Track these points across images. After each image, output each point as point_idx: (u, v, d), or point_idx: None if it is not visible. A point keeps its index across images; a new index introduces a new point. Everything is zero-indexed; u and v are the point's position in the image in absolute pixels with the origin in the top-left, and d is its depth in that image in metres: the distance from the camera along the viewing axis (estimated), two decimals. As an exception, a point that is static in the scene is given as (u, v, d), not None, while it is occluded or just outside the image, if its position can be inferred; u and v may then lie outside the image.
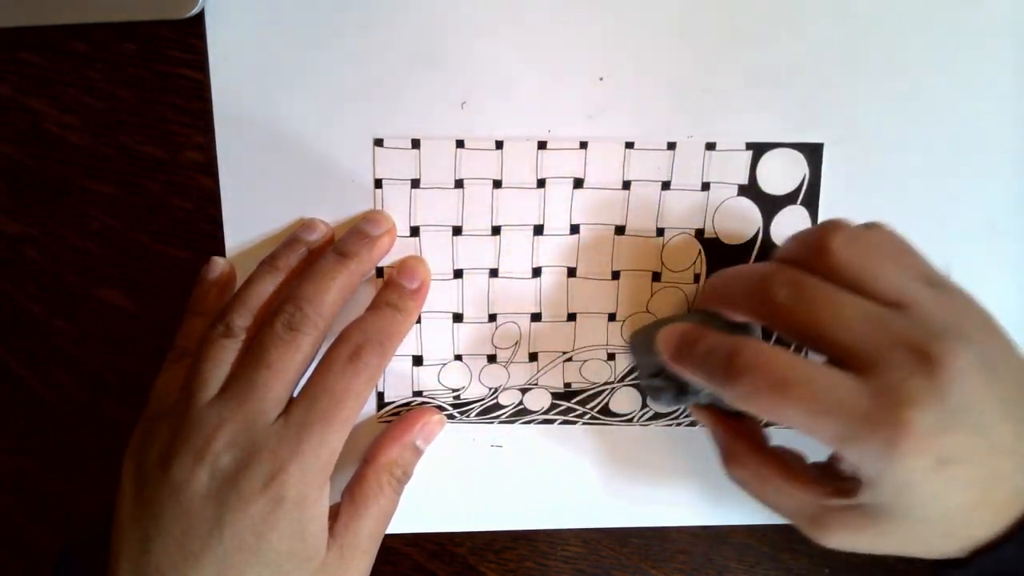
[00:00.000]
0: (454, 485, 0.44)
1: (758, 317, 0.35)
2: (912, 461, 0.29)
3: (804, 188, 0.41)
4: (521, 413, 0.43)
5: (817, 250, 0.33)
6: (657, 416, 0.43)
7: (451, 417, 0.43)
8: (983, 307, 0.33)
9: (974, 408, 0.30)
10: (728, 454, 0.38)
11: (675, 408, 0.43)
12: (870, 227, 0.34)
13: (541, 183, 0.41)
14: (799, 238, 0.35)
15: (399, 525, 0.40)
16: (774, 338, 0.40)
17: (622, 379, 0.43)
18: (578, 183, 0.41)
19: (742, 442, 0.37)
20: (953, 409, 0.29)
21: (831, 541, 0.34)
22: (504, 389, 0.43)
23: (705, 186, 0.41)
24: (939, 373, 0.29)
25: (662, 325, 0.38)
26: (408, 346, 0.42)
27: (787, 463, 0.36)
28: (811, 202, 0.41)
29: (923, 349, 0.30)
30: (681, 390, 0.39)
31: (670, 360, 0.36)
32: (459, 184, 0.41)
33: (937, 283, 0.33)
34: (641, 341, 0.41)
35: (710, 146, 0.41)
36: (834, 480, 0.33)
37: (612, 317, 0.42)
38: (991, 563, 0.32)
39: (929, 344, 0.30)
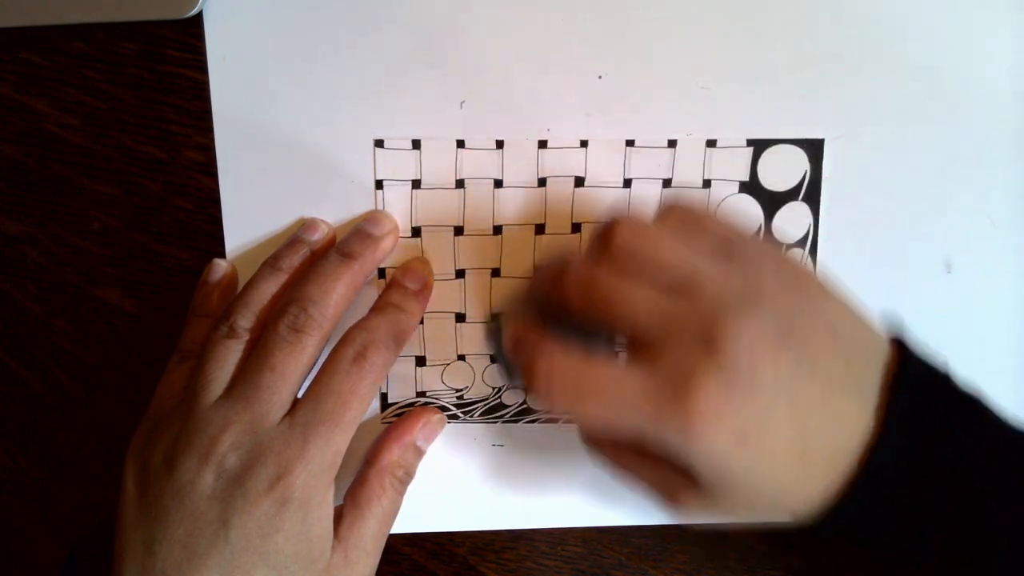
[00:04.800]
0: (455, 485, 0.44)
1: (562, 307, 0.34)
2: (710, 442, 0.29)
3: (805, 184, 0.41)
4: (524, 412, 0.43)
5: (603, 247, 0.33)
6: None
7: (455, 417, 0.43)
8: (794, 267, 0.33)
9: (765, 376, 0.29)
10: (587, 435, 0.38)
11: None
12: (662, 211, 0.35)
13: (542, 182, 0.41)
14: (591, 235, 0.35)
15: (399, 525, 0.40)
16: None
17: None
18: (579, 182, 0.41)
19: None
20: (741, 383, 0.29)
21: (687, 513, 0.34)
22: (507, 388, 0.43)
23: (706, 183, 0.41)
24: (719, 350, 0.29)
25: (510, 312, 0.38)
26: (411, 346, 0.42)
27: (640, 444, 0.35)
28: (812, 198, 0.41)
29: (704, 328, 0.30)
30: None
31: (509, 357, 0.36)
32: (460, 184, 0.41)
33: (730, 254, 0.32)
34: (494, 330, 0.40)
35: (711, 143, 0.41)
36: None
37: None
38: (832, 524, 0.32)
39: (709, 322, 0.30)
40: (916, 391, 0.31)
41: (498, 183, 0.41)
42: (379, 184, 0.41)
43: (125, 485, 0.36)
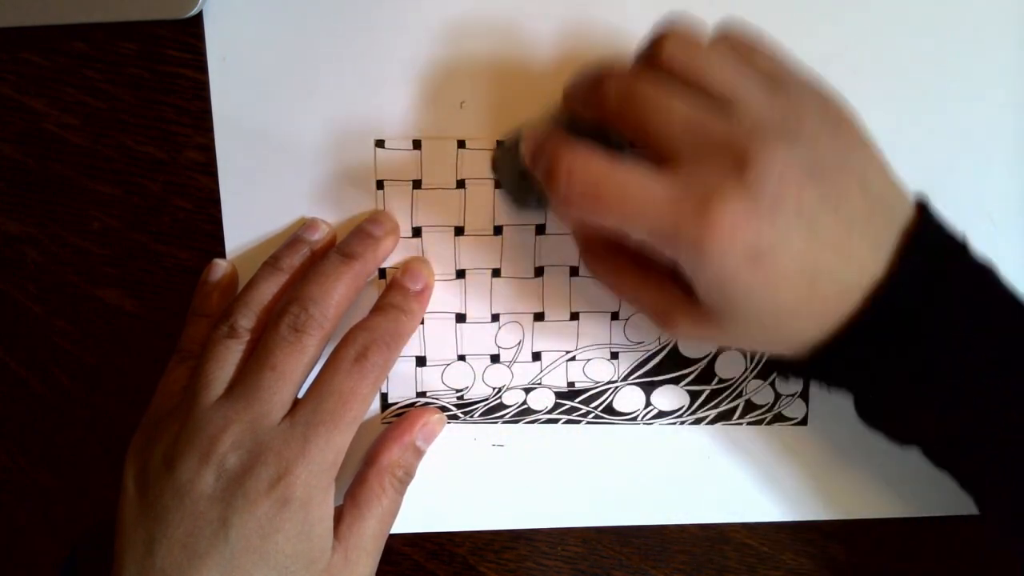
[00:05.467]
0: (455, 485, 0.44)
1: (594, 114, 0.34)
2: (722, 254, 0.29)
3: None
4: (525, 413, 0.43)
5: (649, 57, 0.33)
6: (660, 415, 0.43)
7: (455, 418, 0.43)
8: (838, 111, 0.33)
9: (788, 204, 0.29)
10: (587, 248, 0.38)
11: (542, 209, 0.42)
12: (717, 33, 0.34)
13: (500, 144, 0.41)
14: (642, 42, 0.34)
15: (399, 525, 0.40)
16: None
17: (626, 378, 0.43)
18: (580, 183, 0.41)
19: (602, 237, 0.37)
20: (764, 205, 0.29)
21: (680, 334, 0.35)
22: (508, 389, 0.43)
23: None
24: (749, 169, 0.29)
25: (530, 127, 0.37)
26: (411, 347, 0.42)
27: (642, 259, 0.35)
28: (813, 201, 0.41)
29: (739, 148, 0.30)
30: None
31: (528, 164, 0.35)
32: (460, 184, 0.41)
33: (784, 82, 0.32)
34: (509, 144, 0.40)
35: (712, 145, 0.41)
36: (680, 277, 0.33)
37: (615, 316, 0.42)
38: (825, 361, 0.32)
39: (745, 143, 0.30)
40: (930, 250, 0.31)
41: (499, 184, 0.41)
42: (380, 184, 0.41)
43: (125, 485, 0.36)
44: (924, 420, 0.33)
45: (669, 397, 0.43)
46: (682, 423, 0.43)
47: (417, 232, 0.41)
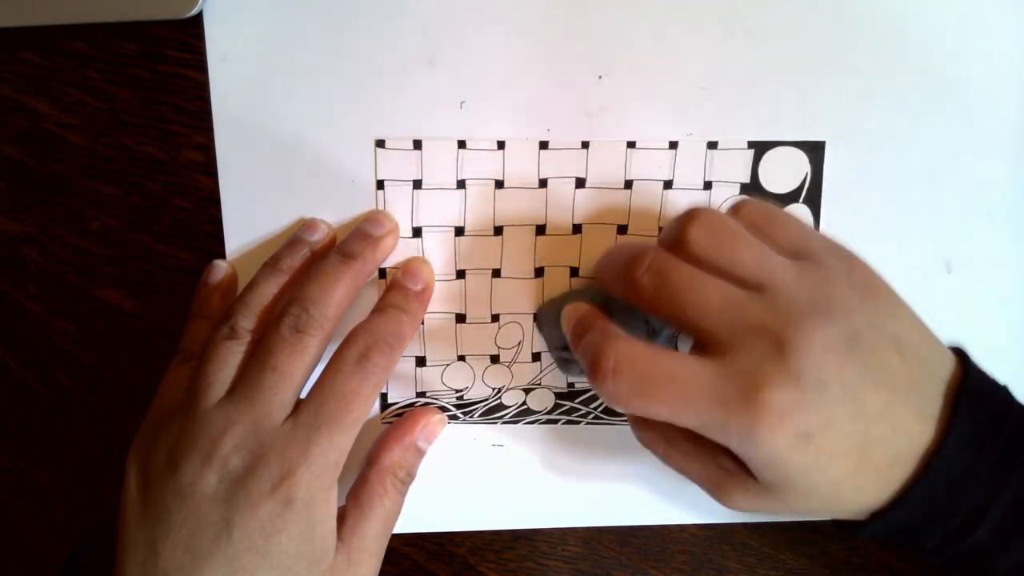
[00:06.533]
0: (455, 485, 0.44)
1: (628, 299, 0.35)
2: (774, 440, 0.30)
3: (806, 186, 0.41)
4: (525, 413, 0.43)
5: (678, 240, 0.33)
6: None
7: (455, 418, 0.43)
8: (864, 270, 0.33)
9: (832, 383, 0.30)
10: (637, 418, 0.37)
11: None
12: (735, 207, 0.35)
13: (543, 183, 0.41)
14: (667, 226, 0.35)
15: (400, 525, 0.40)
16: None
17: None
18: (580, 183, 0.41)
19: None
20: (809, 388, 0.30)
21: (735, 505, 0.34)
22: (507, 389, 0.43)
23: (707, 185, 0.41)
24: (791, 354, 0.30)
25: (570, 299, 0.38)
26: (411, 347, 0.42)
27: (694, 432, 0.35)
28: (813, 200, 0.41)
29: (777, 332, 0.30)
30: None
31: (571, 346, 0.36)
32: (461, 185, 0.41)
33: (807, 253, 0.33)
34: (549, 313, 0.41)
35: (712, 145, 0.41)
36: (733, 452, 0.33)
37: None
38: (882, 525, 0.33)
39: (782, 327, 0.30)
40: (977, 406, 0.32)
41: (499, 184, 0.41)
42: (380, 184, 0.41)
43: (127, 486, 0.36)
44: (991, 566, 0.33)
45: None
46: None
47: (417, 232, 0.41)
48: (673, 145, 0.41)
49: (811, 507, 0.33)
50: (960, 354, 0.34)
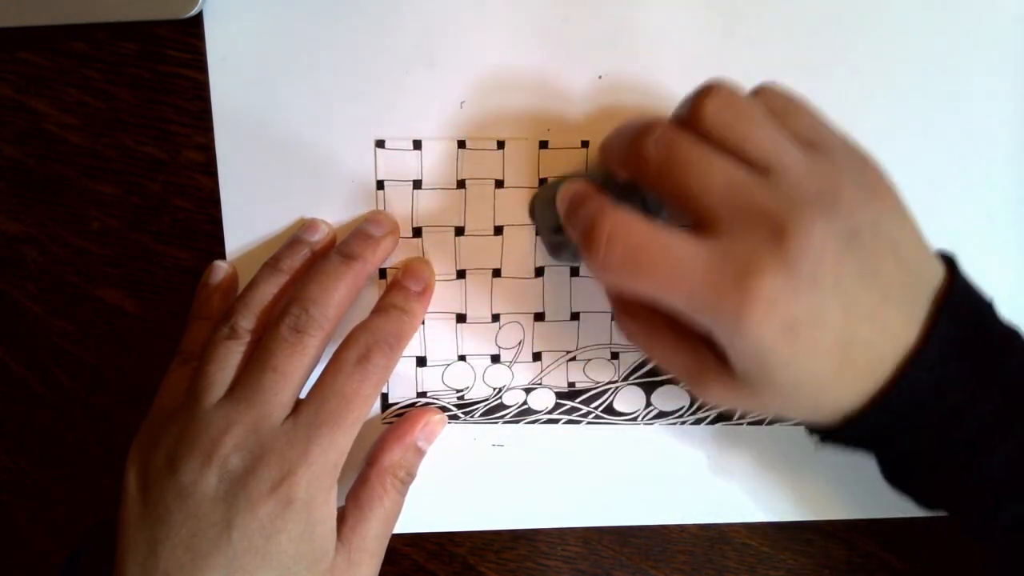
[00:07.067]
0: (455, 485, 0.44)
1: (631, 173, 0.34)
2: (760, 327, 0.29)
3: (806, 187, 0.41)
4: (525, 413, 0.43)
5: (693, 112, 0.32)
6: (661, 415, 0.43)
7: (455, 418, 0.43)
8: (874, 171, 0.33)
9: (826, 277, 0.29)
10: (620, 307, 0.37)
11: (579, 262, 0.42)
12: (757, 89, 0.34)
13: (543, 183, 0.41)
14: (682, 102, 0.34)
15: (400, 525, 0.40)
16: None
17: (626, 378, 0.43)
18: (580, 183, 0.41)
19: (636, 298, 0.36)
20: (803, 277, 0.29)
21: (711, 399, 0.34)
22: (508, 389, 0.43)
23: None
24: (788, 243, 0.29)
25: (566, 181, 0.37)
26: (412, 347, 0.42)
27: (676, 322, 0.34)
28: (813, 201, 0.41)
29: (777, 219, 0.29)
30: None
31: (564, 222, 0.35)
32: (461, 184, 0.41)
33: (821, 146, 0.32)
34: (543, 196, 0.40)
35: (712, 145, 0.41)
36: (714, 342, 0.33)
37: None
38: (856, 429, 0.32)
39: (784, 214, 0.29)
40: (960, 315, 0.32)
41: (499, 183, 0.41)
42: (380, 184, 0.41)
43: (127, 486, 0.36)
44: (945, 484, 0.33)
45: (669, 397, 0.43)
46: (682, 423, 0.43)
47: (417, 232, 0.41)
48: (673, 145, 0.41)
49: (786, 406, 0.33)
50: (950, 263, 0.33)
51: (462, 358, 0.43)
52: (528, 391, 0.43)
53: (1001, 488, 0.32)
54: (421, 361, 0.43)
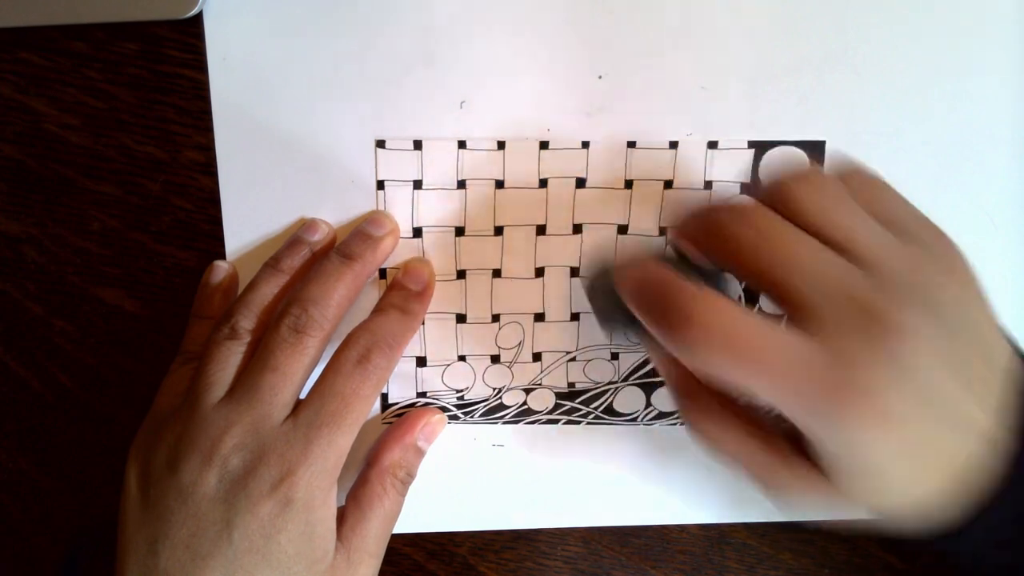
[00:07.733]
0: (455, 485, 0.44)
1: (718, 256, 0.32)
2: (862, 419, 0.28)
3: (807, 187, 0.41)
4: (525, 413, 0.43)
5: (784, 194, 0.31)
6: (661, 416, 0.43)
7: (455, 418, 0.43)
8: (953, 250, 0.32)
9: (922, 371, 0.29)
10: (687, 396, 0.35)
11: (637, 341, 0.41)
12: (844, 172, 0.33)
13: (543, 183, 0.41)
14: (766, 184, 0.33)
15: (400, 525, 0.40)
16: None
17: (626, 378, 0.43)
18: (580, 183, 0.41)
19: (704, 387, 0.35)
20: (906, 373, 0.28)
21: (785, 494, 0.33)
22: (508, 389, 0.43)
23: (708, 184, 0.41)
24: (891, 337, 0.28)
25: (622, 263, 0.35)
26: (412, 347, 0.42)
27: (751, 413, 0.34)
28: (813, 201, 0.41)
29: (878, 311, 0.29)
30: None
31: (627, 300, 0.33)
32: (461, 185, 0.41)
33: (905, 229, 0.32)
34: (601, 274, 0.38)
35: (712, 144, 0.41)
36: (790, 435, 0.32)
37: (615, 317, 0.42)
38: (975, 537, 0.31)
39: (884, 305, 0.29)
40: None
41: (499, 184, 0.41)
42: (380, 184, 0.41)
43: (127, 486, 0.36)
44: None
45: (669, 398, 0.43)
46: (682, 424, 0.43)
47: (417, 232, 0.41)
48: (673, 145, 0.41)
49: (872, 499, 0.31)
50: (1020, 353, 0.32)
51: (462, 358, 0.43)
52: (528, 391, 0.43)
53: None
54: (421, 361, 0.43)
